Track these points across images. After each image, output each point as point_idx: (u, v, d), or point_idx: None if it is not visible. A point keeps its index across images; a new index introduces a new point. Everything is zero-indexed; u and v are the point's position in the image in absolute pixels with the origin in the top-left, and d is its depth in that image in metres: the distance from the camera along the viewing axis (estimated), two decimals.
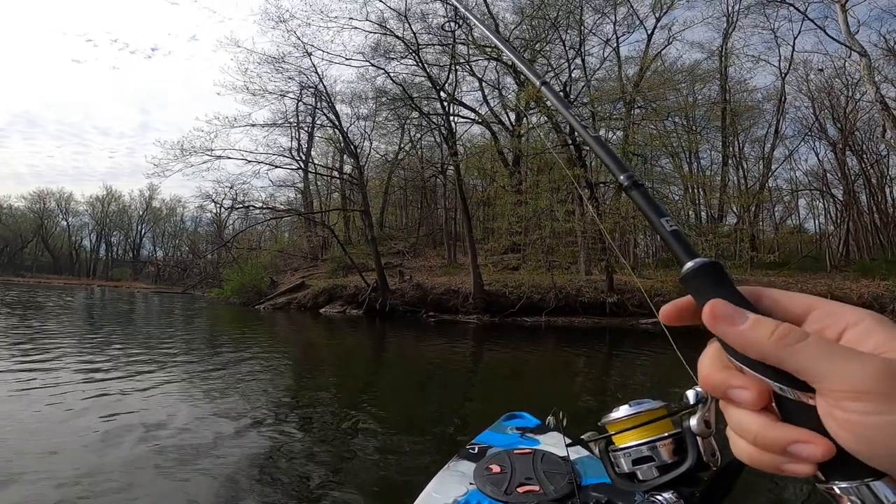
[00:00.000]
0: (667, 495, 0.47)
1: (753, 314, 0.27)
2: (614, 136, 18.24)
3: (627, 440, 0.52)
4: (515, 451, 1.51)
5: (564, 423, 1.53)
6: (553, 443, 1.65)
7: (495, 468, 1.41)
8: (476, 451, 1.61)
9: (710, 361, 0.29)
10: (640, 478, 0.51)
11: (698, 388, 0.44)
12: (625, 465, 0.52)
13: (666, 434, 0.51)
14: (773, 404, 0.27)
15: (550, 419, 1.67)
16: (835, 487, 0.25)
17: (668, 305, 0.31)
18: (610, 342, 11.30)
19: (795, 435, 0.26)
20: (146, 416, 3.91)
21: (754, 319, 0.26)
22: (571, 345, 10.71)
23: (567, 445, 1.48)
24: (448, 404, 5.01)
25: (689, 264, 0.29)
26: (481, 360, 8.91)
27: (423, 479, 1.57)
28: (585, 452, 1.69)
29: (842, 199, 23.68)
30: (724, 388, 0.28)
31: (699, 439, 0.46)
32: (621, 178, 0.35)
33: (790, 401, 0.26)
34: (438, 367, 6.61)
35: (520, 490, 1.30)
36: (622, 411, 0.52)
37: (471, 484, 1.37)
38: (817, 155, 25.26)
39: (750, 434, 0.27)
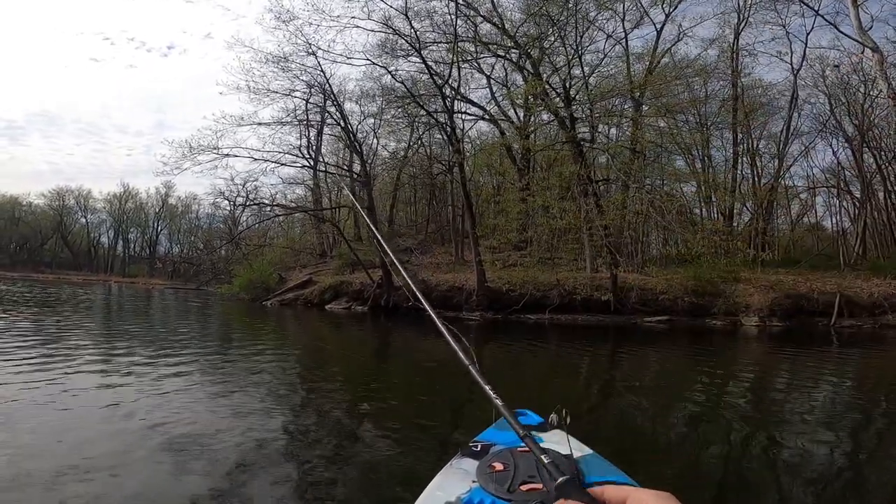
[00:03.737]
0: None
1: None
2: (621, 134, 18.07)
3: None
4: (518, 449, 1.50)
5: (568, 420, 1.51)
6: (556, 440, 1.64)
7: (498, 466, 1.40)
8: (479, 448, 1.60)
9: None
10: None
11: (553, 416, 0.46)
12: None
13: None
14: None
15: (553, 417, 1.65)
16: None
17: None
18: (613, 340, 11.25)
19: None
20: (158, 407, 3.95)
21: None
22: (574, 342, 10.66)
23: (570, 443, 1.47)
24: (450, 401, 5.00)
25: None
26: (484, 357, 8.90)
27: (426, 476, 1.57)
28: (589, 450, 1.67)
29: (858, 196, 23.24)
30: None
31: None
32: None
33: None
34: (440, 364, 6.61)
35: (523, 488, 1.29)
36: None
37: (473, 482, 1.37)
38: (834, 152, 24.80)
39: None
